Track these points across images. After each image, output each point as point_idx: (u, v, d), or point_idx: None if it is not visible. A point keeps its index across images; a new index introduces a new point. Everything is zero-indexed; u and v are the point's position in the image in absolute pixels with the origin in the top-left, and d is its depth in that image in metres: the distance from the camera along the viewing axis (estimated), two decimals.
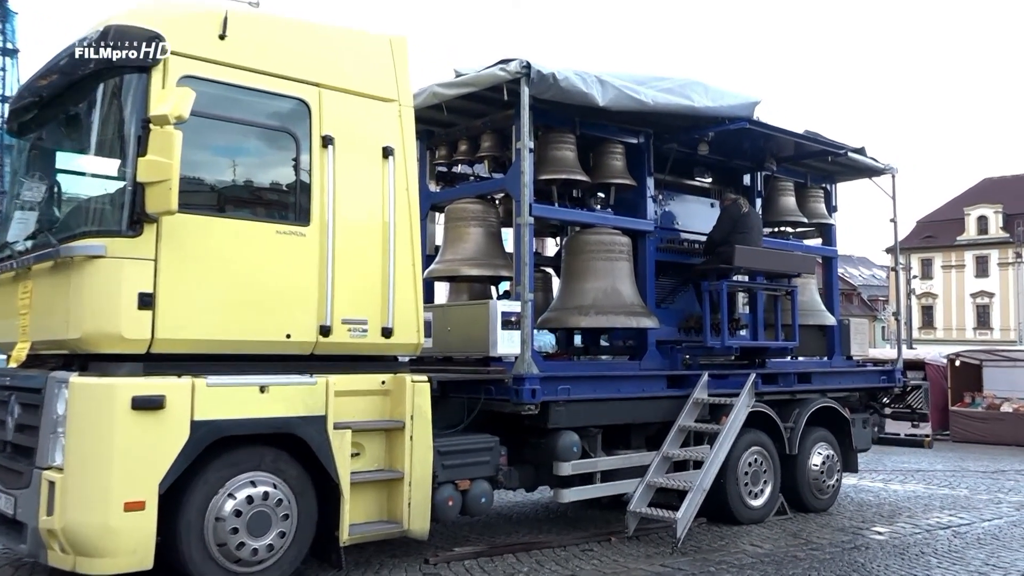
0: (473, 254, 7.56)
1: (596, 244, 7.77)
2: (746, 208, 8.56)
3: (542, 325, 8.15)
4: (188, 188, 4.90)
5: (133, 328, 4.71)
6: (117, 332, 4.69)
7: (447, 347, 7.04)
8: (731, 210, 8.56)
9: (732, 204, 8.60)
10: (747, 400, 7.81)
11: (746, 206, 8.60)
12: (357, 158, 5.64)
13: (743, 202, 8.64)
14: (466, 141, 7.99)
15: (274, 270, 5.17)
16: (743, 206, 8.56)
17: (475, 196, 7.78)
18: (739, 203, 8.57)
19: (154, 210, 4.69)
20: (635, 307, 7.74)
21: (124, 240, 4.73)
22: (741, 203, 8.58)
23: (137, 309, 4.72)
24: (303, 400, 5.18)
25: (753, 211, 8.79)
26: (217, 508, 4.91)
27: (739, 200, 8.62)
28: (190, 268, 4.89)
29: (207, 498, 4.89)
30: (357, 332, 5.50)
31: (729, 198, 8.69)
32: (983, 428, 16.81)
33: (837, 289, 10.51)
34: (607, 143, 8.10)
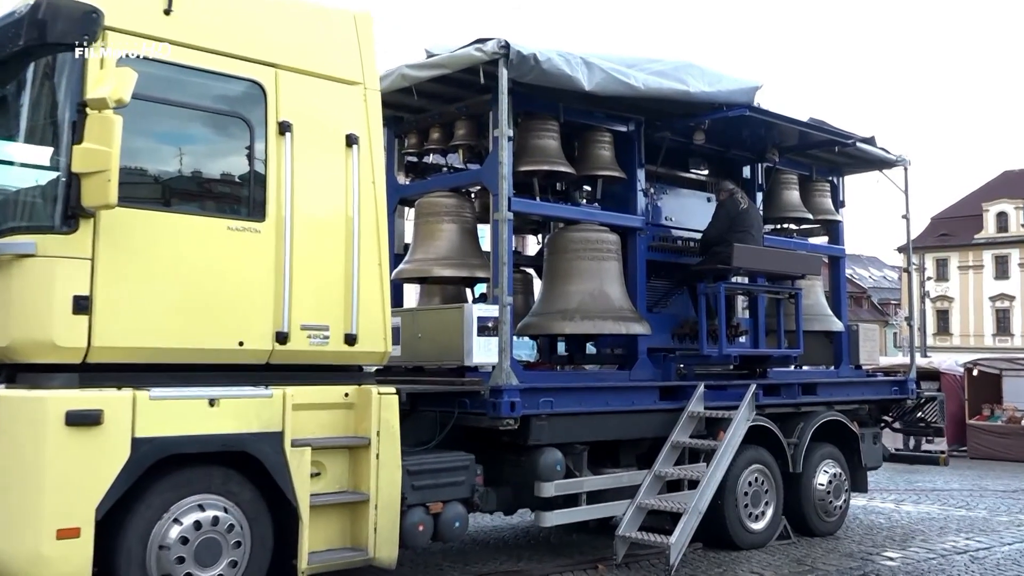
0: (446, 253, 7.55)
1: (581, 242, 7.80)
2: (745, 203, 8.62)
3: (522, 331, 8.16)
4: (129, 179, 4.87)
5: (67, 335, 4.67)
6: (49, 339, 4.65)
7: (417, 356, 7.03)
8: (728, 205, 8.61)
9: (729, 198, 8.65)
10: (747, 413, 7.86)
11: (745, 200, 8.66)
12: (317, 147, 5.62)
13: (741, 196, 8.70)
14: (438, 128, 7.99)
15: (225, 270, 5.14)
16: (741, 200, 8.62)
17: (448, 189, 7.78)
18: (737, 197, 8.63)
19: (91, 203, 4.65)
20: (624, 311, 7.77)
21: (57, 237, 4.69)
22: (739, 197, 8.64)
23: (72, 314, 4.68)
24: (257, 414, 5.15)
25: (753, 206, 8.85)
26: (161, 535, 4.88)
27: (737, 193, 8.68)
28: (131, 268, 4.85)
29: (150, 524, 4.85)
30: (318, 339, 5.48)
31: (725, 191, 8.75)
32: (1003, 444, 16.99)
33: (845, 292, 10.60)
34: (594, 131, 8.13)
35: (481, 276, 7.61)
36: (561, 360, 9.34)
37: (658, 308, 8.82)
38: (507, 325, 6.55)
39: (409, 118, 8.20)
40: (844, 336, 10.15)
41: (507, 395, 6.44)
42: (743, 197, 8.69)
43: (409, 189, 8.25)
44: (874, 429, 9.97)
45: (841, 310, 10.31)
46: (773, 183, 9.86)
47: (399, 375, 6.98)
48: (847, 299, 10.69)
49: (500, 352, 6.51)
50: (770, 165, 9.68)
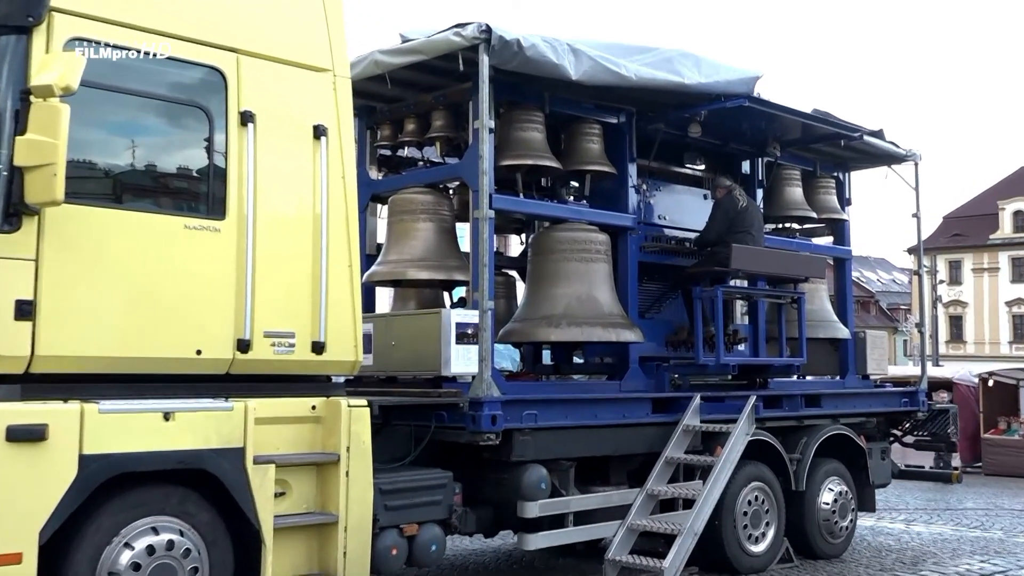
0: (422, 254, 7.55)
1: (568, 242, 7.82)
2: (744, 200, 8.67)
3: (504, 339, 8.16)
4: (77, 174, 4.84)
5: (8, 343, 4.63)
6: None
7: (391, 365, 7.02)
8: (725, 203, 8.66)
9: (727, 196, 8.70)
10: (746, 427, 7.89)
11: (744, 198, 8.71)
12: (282, 139, 5.61)
13: (740, 193, 8.74)
14: (414, 119, 7.99)
15: (182, 273, 5.12)
16: (740, 198, 8.66)
17: (424, 185, 7.78)
18: (735, 194, 8.67)
19: (35, 200, 4.61)
20: (614, 317, 7.79)
21: None
22: (737, 194, 8.69)
23: (13, 320, 4.64)
24: (216, 429, 5.13)
25: (752, 204, 8.90)
26: (111, 560, 4.85)
27: (735, 190, 8.73)
28: (79, 270, 4.82)
29: (99, 549, 4.82)
30: (282, 347, 5.46)
31: (723, 188, 8.79)
32: (1020, 460, 17.11)
33: (851, 296, 10.68)
34: (582, 123, 8.15)
35: (460, 279, 7.61)
36: (546, 370, 9.34)
37: (651, 314, 8.85)
38: (488, 332, 6.56)
39: (382, 108, 8.20)
40: (850, 344, 10.21)
41: (488, 408, 6.45)
42: (742, 194, 8.74)
43: (382, 185, 8.25)
44: (882, 444, 10.03)
45: (847, 316, 10.37)
46: (774, 179, 9.92)
47: (371, 386, 6.96)
48: (853, 304, 10.76)
49: (480, 361, 6.52)
50: (771, 160, 9.73)
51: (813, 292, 9.83)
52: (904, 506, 13.04)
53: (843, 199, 10.67)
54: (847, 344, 10.21)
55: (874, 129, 9.79)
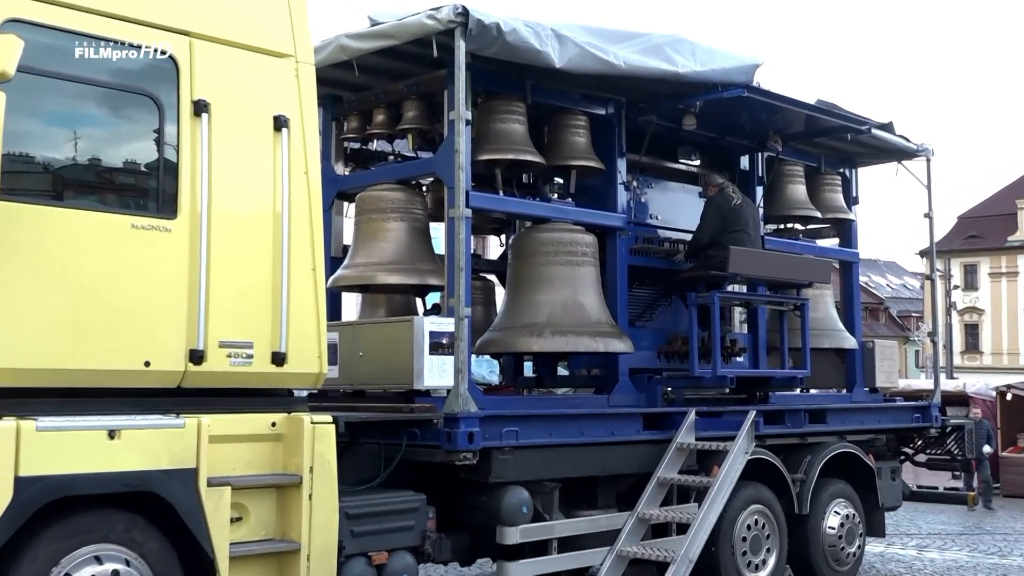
0: (393, 256, 7.55)
1: (552, 244, 7.83)
2: (737, 198, 8.70)
3: (482, 349, 8.16)
4: (13, 168, 4.81)
5: None
6: None
7: (358, 377, 7.01)
8: (718, 201, 8.69)
9: (719, 193, 8.73)
10: (745, 445, 7.92)
11: (738, 195, 8.74)
12: (240, 130, 5.59)
13: (733, 190, 8.77)
14: (384, 110, 7.98)
15: (129, 276, 5.10)
16: (733, 196, 8.70)
17: (395, 181, 7.78)
18: (727, 192, 8.71)
19: None
20: (602, 326, 7.81)
21: None
22: (730, 192, 8.72)
23: None
24: (166, 448, 5.11)
25: (748, 202, 8.93)
26: None
27: (727, 188, 8.75)
28: (15, 274, 4.79)
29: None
30: (239, 358, 5.44)
31: (714, 186, 8.83)
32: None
33: (858, 303, 10.75)
34: (566, 115, 8.17)
35: (434, 284, 7.61)
36: (528, 383, 9.35)
37: (642, 322, 8.87)
38: (464, 342, 6.56)
39: (349, 98, 8.19)
40: (858, 354, 10.27)
41: (464, 424, 6.44)
42: (735, 192, 8.78)
43: (349, 181, 8.24)
44: (893, 463, 10.09)
45: (854, 324, 10.43)
46: (775, 176, 9.97)
47: (336, 401, 6.95)
48: (861, 311, 10.82)
49: (456, 374, 6.51)
50: (772, 155, 9.78)
51: (817, 298, 9.88)
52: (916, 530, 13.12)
53: (850, 197, 10.74)
54: (854, 355, 10.27)
55: (883, 122, 9.86)
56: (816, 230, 10.93)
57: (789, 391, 9.56)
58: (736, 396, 8.95)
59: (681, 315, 8.92)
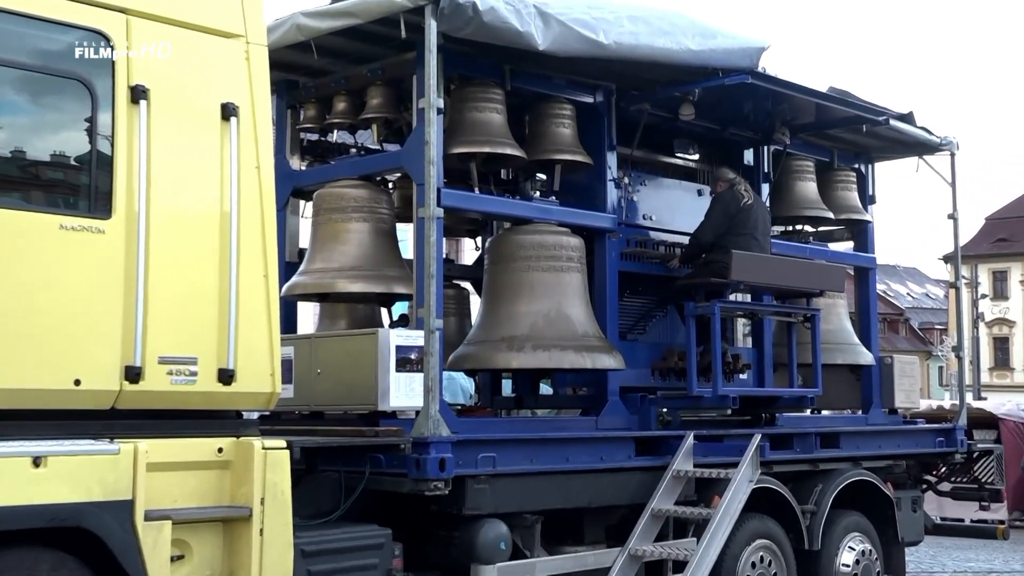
0: (355, 261, 7.54)
1: (534, 248, 7.85)
2: (748, 197, 8.73)
3: (455, 365, 8.16)
4: None
5: None
6: None
7: (316, 397, 7.00)
8: (726, 199, 8.72)
9: (728, 191, 8.76)
10: (749, 472, 7.94)
11: (749, 194, 8.76)
12: (183, 119, 5.58)
13: (744, 188, 8.80)
14: (345, 97, 7.98)
15: (56, 284, 5.07)
16: (744, 194, 8.72)
17: (358, 177, 7.78)
18: (739, 190, 8.73)
19: None
20: (590, 339, 7.82)
21: None
22: (741, 190, 8.74)
23: None
24: (99, 478, 5.08)
25: (759, 202, 8.97)
26: None
27: (738, 185, 8.79)
28: None
29: None
30: (181, 376, 5.42)
31: (724, 182, 8.86)
32: None
33: (875, 314, 10.80)
34: (550, 103, 8.20)
35: (401, 292, 7.60)
36: (507, 403, 9.35)
37: (634, 335, 8.89)
38: (435, 357, 6.55)
39: (307, 83, 8.18)
40: (875, 372, 10.32)
41: (435, 449, 6.44)
42: (747, 190, 8.80)
43: (306, 177, 8.23)
44: (914, 492, 10.13)
45: (871, 337, 10.48)
46: (783, 172, 10.01)
47: (291, 424, 6.93)
48: (879, 323, 10.88)
49: (426, 393, 6.51)
50: (779, 149, 9.83)
51: (830, 309, 9.93)
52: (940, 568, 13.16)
53: (866, 196, 10.80)
54: (871, 372, 10.32)
55: (902, 112, 9.91)
56: (828, 232, 10.99)
57: (798, 412, 9.60)
58: (739, 418, 8.97)
59: (678, 327, 8.95)
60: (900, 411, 10.48)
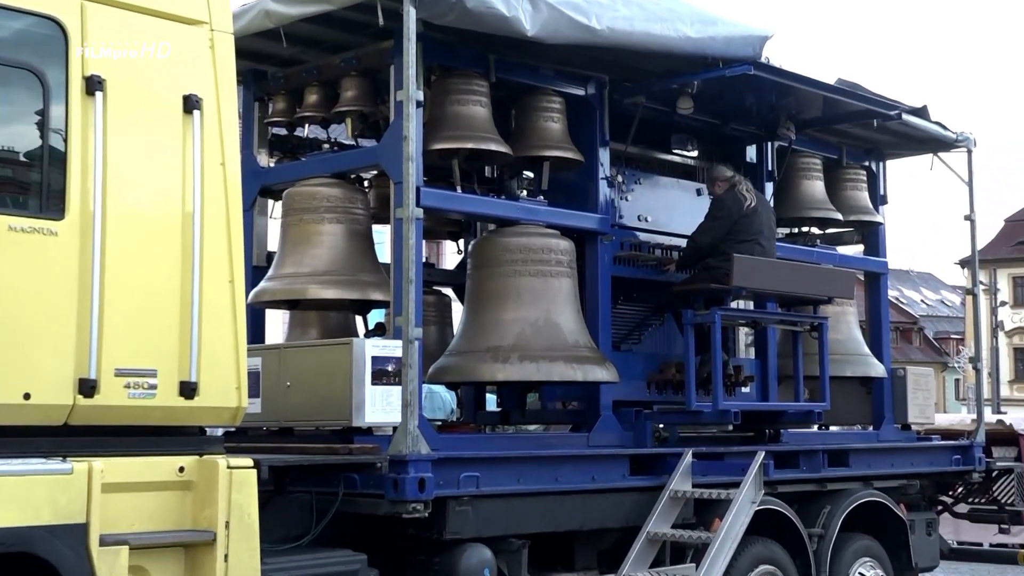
0: (327, 266, 7.54)
1: (520, 251, 7.85)
2: (751, 198, 8.72)
3: (435, 378, 8.15)
4: None
5: None
6: None
7: (285, 412, 6.99)
8: (727, 201, 8.73)
9: (729, 192, 8.77)
10: (752, 493, 7.95)
11: (752, 195, 8.76)
12: (142, 113, 5.57)
13: (746, 188, 8.80)
14: (317, 89, 7.98)
15: (4, 290, 5.06)
16: (747, 195, 8.71)
17: (331, 175, 7.77)
18: (740, 191, 8.73)
19: None
20: (581, 350, 7.83)
21: None
22: (743, 190, 8.74)
23: None
24: (50, 499, 5.06)
25: (764, 203, 8.97)
26: None
27: (740, 185, 8.79)
28: None
29: None
30: (140, 390, 5.41)
31: (723, 181, 8.87)
32: None
33: (887, 322, 10.82)
34: (538, 96, 8.21)
35: (377, 299, 7.60)
36: (491, 419, 9.34)
37: (628, 345, 8.89)
38: (415, 369, 6.54)
39: (276, 73, 8.18)
40: (887, 384, 10.34)
41: (414, 469, 6.43)
42: (748, 191, 8.80)
43: (275, 174, 8.22)
44: (928, 514, 10.15)
45: (882, 348, 10.50)
46: (788, 170, 10.04)
47: (259, 441, 6.93)
48: (891, 332, 10.91)
49: (404, 408, 6.50)
50: (784, 145, 9.85)
51: (838, 317, 9.94)
52: None
53: (877, 196, 10.82)
54: (882, 385, 10.34)
55: (915, 106, 9.94)
56: (837, 235, 11.01)
57: (805, 428, 9.60)
58: (741, 434, 8.98)
59: (675, 337, 8.96)
60: (914, 427, 10.50)
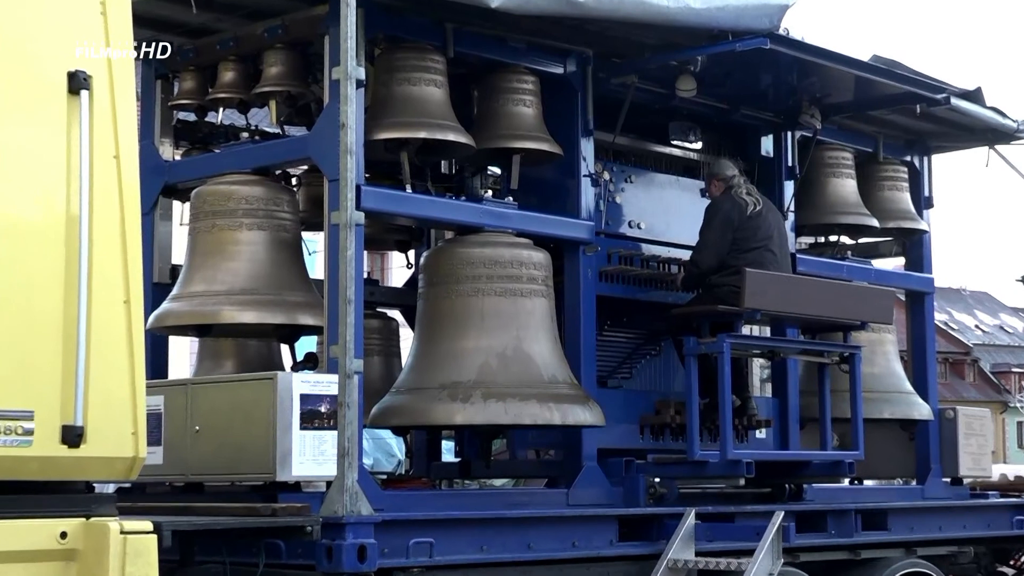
0: (246, 283, 7.52)
1: (485, 265, 7.84)
2: (754, 202, 8.70)
3: (380, 421, 8.14)
4: None
5: None
6: None
7: (193, 464, 6.96)
8: (724, 208, 8.73)
9: (725, 196, 8.79)
10: (769, 563, 7.96)
11: (753, 197, 8.74)
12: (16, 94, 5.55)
13: (746, 191, 8.76)
14: (235, 65, 7.97)
15: None
16: (747, 200, 8.69)
17: (252, 171, 7.76)
18: (738, 193, 8.72)
19: None
20: (558, 386, 7.82)
21: None
22: (742, 193, 8.72)
23: None
24: None
25: (769, 207, 8.91)
26: None
27: (737, 186, 8.75)
28: None
29: None
30: (13, 436, 5.38)
31: (720, 179, 8.86)
32: None
33: (934, 352, 10.84)
34: (507, 75, 8.22)
35: (308, 323, 7.58)
36: (448, 471, 9.32)
37: (617, 380, 8.90)
38: (354, 410, 6.52)
39: (184, 46, 8.15)
40: (933, 428, 10.37)
41: (353, 534, 6.41)
42: (750, 192, 8.78)
43: (182, 170, 8.22)
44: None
45: (928, 384, 10.53)
46: (813, 166, 10.06)
47: (161, 499, 6.91)
48: (938, 365, 10.95)
49: (341, 458, 6.48)
50: (808, 135, 9.87)
51: (874, 346, 9.98)
52: None
53: (921, 198, 10.87)
54: (927, 429, 10.37)
55: (967, 88, 9.99)
56: (872, 245, 11.05)
57: (833, 482, 9.63)
58: (755, 490, 8.98)
59: (675, 370, 8.97)
60: (966, 481, 10.53)
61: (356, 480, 6.49)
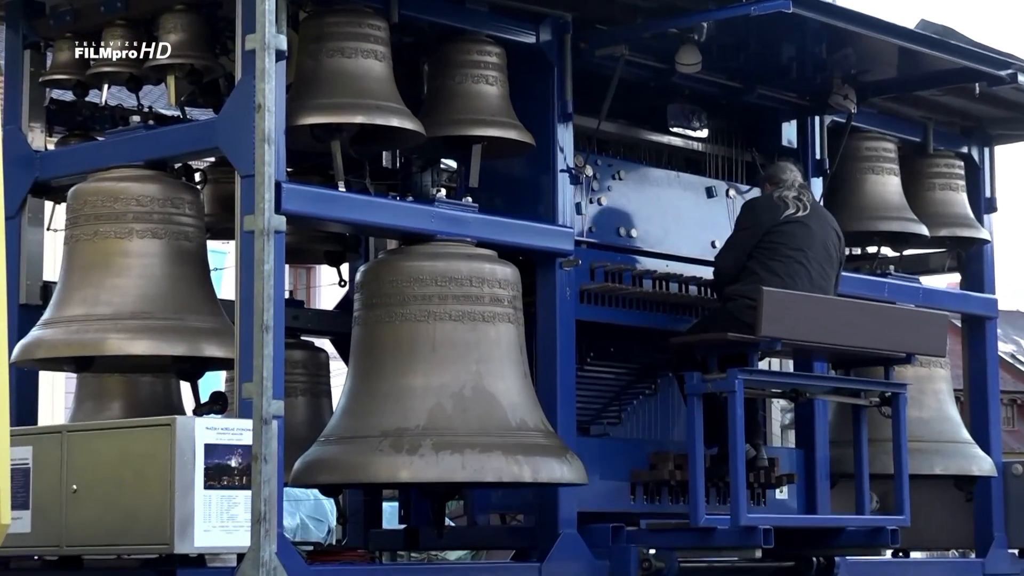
0: (137, 304, 7.50)
1: (438, 282, 7.84)
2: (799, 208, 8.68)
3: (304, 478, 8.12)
4: None
5: None
6: None
7: (70, 533, 6.92)
8: (757, 206, 8.83)
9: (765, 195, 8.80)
10: None
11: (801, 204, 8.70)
12: None
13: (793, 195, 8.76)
14: (123, 31, 7.96)
15: None
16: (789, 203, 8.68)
17: (145, 163, 7.75)
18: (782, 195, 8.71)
19: None
20: (529, 434, 7.83)
21: None
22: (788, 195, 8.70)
23: None
24: None
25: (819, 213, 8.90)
26: None
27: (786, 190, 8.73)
28: None
29: None
30: None
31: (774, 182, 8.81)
32: None
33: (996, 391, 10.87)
34: (464, 44, 8.25)
35: (215, 355, 7.57)
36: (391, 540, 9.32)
37: (603, 426, 8.91)
38: (273, 464, 6.52)
39: (59, 7, 8.14)
40: (996, 487, 10.40)
41: None
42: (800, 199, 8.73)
43: (57, 163, 8.21)
44: None
45: (989, 431, 10.57)
46: (846, 159, 10.10)
47: None
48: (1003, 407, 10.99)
49: (256, 525, 6.48)
50: (840, 120, 9.91)
51: (923, 384, 10.01)
52: None
53: (980, 199, 10.91)
54: (989, 487, 10.41)
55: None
56: (920, 258, 11.10)
57: (872, 555, 9.66)
58: (776, 564, 9.01)
59: (674, 413, 8.99)
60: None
61: (275, 552, 6.48)
